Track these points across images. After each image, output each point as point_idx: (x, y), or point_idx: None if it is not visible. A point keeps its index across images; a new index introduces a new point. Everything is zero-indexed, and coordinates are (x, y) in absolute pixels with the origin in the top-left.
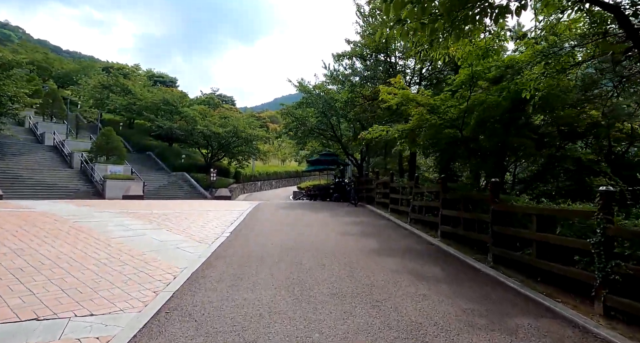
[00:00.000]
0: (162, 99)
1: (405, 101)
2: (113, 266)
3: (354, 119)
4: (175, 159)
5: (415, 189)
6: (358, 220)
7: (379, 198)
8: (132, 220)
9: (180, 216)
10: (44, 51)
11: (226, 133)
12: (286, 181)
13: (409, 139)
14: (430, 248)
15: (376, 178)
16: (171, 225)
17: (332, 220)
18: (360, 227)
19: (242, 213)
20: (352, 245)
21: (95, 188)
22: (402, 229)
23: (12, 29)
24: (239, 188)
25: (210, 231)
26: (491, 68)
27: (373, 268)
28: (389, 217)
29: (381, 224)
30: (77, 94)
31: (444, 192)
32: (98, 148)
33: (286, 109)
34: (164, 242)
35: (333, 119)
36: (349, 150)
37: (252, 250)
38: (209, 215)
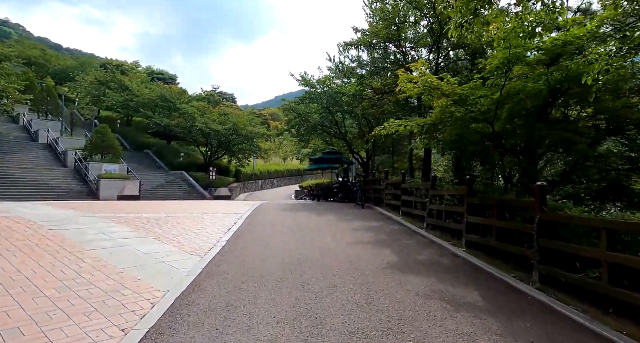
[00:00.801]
0: (160, 95)
1: (428, 90)
2: (79, 290)
3: (360, 115)
4: (173, 157)
5: (433, 192)
6: (368, 225)
7: (389, 200)
8: (117, 225)
9: (173, 220)
10: (41, 47)
11: (226, 130)
12: (288, 180)
13: (429, 135)
14: (456, 261)
15: (385, 177)
16: (161, 232)
17: (339, 225)
18: (372, 233)
19: (242, 216)
20: (365, 258)
21: (89, 187)
22: (418, 236)
23: (12, 27)
24: (239, 187)
25: (204, 239)
26: (534, 50)
27: (396, 291)
28: (401, 221)
29: (394, 230)
30: (73, 90)
31: (469, 196)
32: (92, 145)
33: (288, 104)
34: (148, 255)
35: (337, 115)
36: (354, 148)
37: (250, 265)
38: (205, 219)
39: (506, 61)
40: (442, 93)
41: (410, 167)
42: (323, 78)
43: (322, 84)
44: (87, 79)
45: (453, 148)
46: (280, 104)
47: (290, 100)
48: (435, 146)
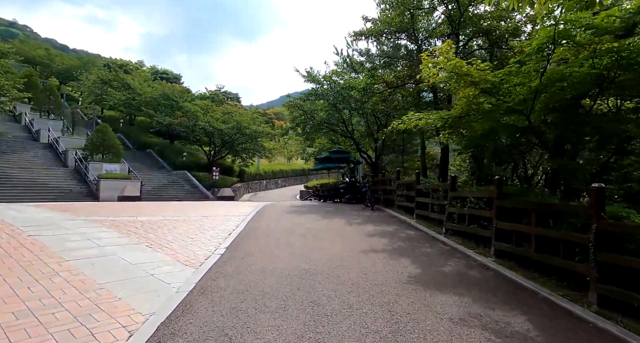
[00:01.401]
0: (162, 93)
1: (456, 76)
2: (43, 314)
3: (369, 112)
4: (176, 157)
5: (453, 193)
6: (381, 229)
7: (401, 201)
8: (107, 230)
9: (169, 224)
10: (45, 47)
11: (229, 129)
12: (292, 180)
13: (454, 130)
14: (487, 274)
15: (397, 177)
16: (154, 238)
17: (349, 229)
18: (386, 240)
19: (244, 219)
20: (383, 269)
21: (89, 188)
22: (438, 243)
23: (20, 28)
24: (244, 187)
25: (201, 246)
26: (583, 27)
27: (424, 315)
28: (416, 225)
29: (410, 235)
30: (77, 90)
31: (500, 198)
32: (93, 145)
33: (293, 101)
34: (136, 266)
35: (344, 112)
36: (362, 147)
37: (250, 279)
38: (205, 223)
39: (550, 41)
40: (472, 81)
41: (423, 166)
42: (330, 73)
43: (329, 80)
44: (90, 78)
45: (481, 144)
46: (285, 102)
47: (296, 97)
48: (460, 142)
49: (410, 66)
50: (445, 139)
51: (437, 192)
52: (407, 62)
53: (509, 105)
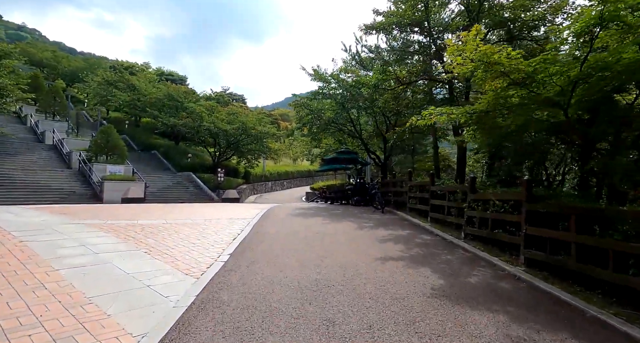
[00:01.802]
0: (167, 94)
1: (484, 65)
2: (18, 336)
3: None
4: (181, 158)
5: (473, 196)
6: (394, 234)
7: (413, 204)
8: (105, 235)
9: (171, 228)
10: (52, 50)
11: (234, 129)
12: (298, 181)
13: (480, 126)
14: (520, 286)
15: (409, 179)
16: (154, 244)
17: (361, 234)
18: (402, 245)
19: (249, 222)
20: (402, 280)
21: (93, 190)
22: (458, 249)
23: (28, 32)
24: (249, 188)
25: (203, 252)
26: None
27: (458, 338)
28: (431, 229)
29: (427, 240)
30: (82, 91)
31: (530, 202)
32: (97, 146)
33: (299, 100)
34: (131, 275)
35: (352, 112)
36: (370, 147)
37: (256, 292)
38: (208, 226)
39: (596, 23)
40: (501, 71)
41: (436, 167)
42: (338, 71)
43: (337, 78)
44: (96, 80)
45: (506, 142)
46: (292, 102)
47: (302, 96)
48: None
49: (424, 60)
50: (469, 137)
51: (455, 194)
52: (421, 57)
53: (547, 97)
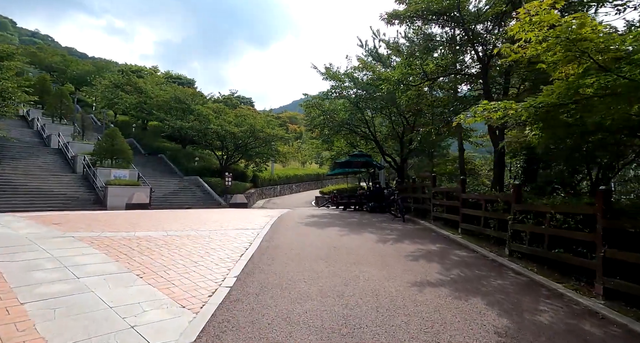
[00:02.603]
0: (174, 96)
1: (566, 42)
2: None
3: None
4: (188, 162)
5: (519, 206)
6: (424, 249)
7: (439, 212)
8: (94, 252)
9: (172, 241)
10: (62, 54)
11: (242, 132)
12: (307, 185)
13: (549, 123)
14: (612, 331)
15: (432, 184)
16: (149, 263)
17: (386, 249)
18: (437, 265)
19: (258, 233)
20: (454, 319)
21: (97, 195)
22: (507, 271)
23: (41, 38)
24: (257, 193)
25: (205, 274)
26: None
27: None
28: (465, 243)
29: (465, 258)
30: (90, 95)
31: (608, 217)
32: (102, 150)
33: (311, 100)
34: (114, 310)
35: (367, 112)
36: (386, 150)
37: (269, 337)
38: (213, 239)
39: None
40: (582, 51)
41: (462, 172)
42: (352, 69)
43: (351, 77)
44: (104, 83)
45: (582, 142)
46: (302, 102)
47: (314, 95)
48: (550, 140)
49: (456, 52)
50: (536, 138)
51: (495, 204)
52: (449, 49)
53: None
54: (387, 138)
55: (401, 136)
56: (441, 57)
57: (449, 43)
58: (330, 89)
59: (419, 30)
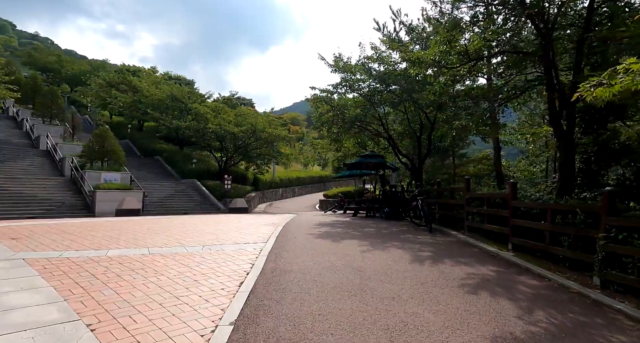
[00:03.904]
0: (170, 95)
1: None
2: None
3: (437, 98)
4: (185, 164)
5: (613, 220)
6: (477, 274)
7: (477, 222)
8: (39, 285)
9: (151, 263)
10: (57, 54)
11: (242, 132)
12: (310, 188)
13: None
14: None
15: (466, 188)
16: (111, 301)
17: (428, 274)
18: (512, 304)
19: (262, 249)
20: None
21: (85, 200)
22: (617, 316)
23: (41, 40)
24: (258, 196)
25: (188, 320)
26: None
27: None
28: (525, 265)
29: (541, 292)
30: (84, 95)
31: None
32: (91, 151)
33: (319, 94)
34: None
35: (380, 108)
36: (402, 149)
37: None
38: (205, 259)
39: None
40: None
41: (498, 174)
42: (364, 59)
43: (364, 67)
44: (98, 82)
45: None
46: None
47: (322, 89)
48: None
49: (515, 21)
50: None
51: (574, 216)
52: (506, 13)
53: None
54: (403, 136)
55: (419, 134)
56: (498, 28)
57: (503, 7)
58: (341, 81)
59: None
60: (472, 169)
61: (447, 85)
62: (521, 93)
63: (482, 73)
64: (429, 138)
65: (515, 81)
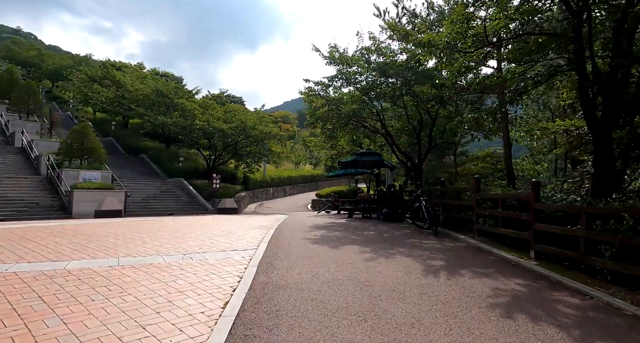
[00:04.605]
0: (155, 90)
1: None
2: None
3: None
4: (172, 162)
5: None
6: (505, 290)
7: (489, 226)
8: None
9: (117, 280)
10: (37, 47)
11: (232, 129)
12: (301, 187)
13: None
14: None
15: (475, 188)
16: (53, 336)
17: (446, 290)
18: (562, 333)
19: (251, 259)
20: None
21: (62, 201)
22: None
23: (24, 35)
24: (248, 196)
25: None
26: None
27: None
28: (559, 279)
29: (588, 313)
30: (65, 90)
31: None
32: (69, 148)
33: (314, 87)
34: None
35: (377, 103)
36: (400, 147)
37: None
38: (185, 272)
39: None
40: None
41: (509, 172)
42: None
43: (363, 59)
44: (80, 76)
45: None
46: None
47: (316, 81)
48: None
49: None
50: None
51: (619, 221)
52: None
53: None
54: (400, 133)
55: (419, 131)
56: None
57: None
58: (337, 74)
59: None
60: (474, 168)
61: (461, 73)
62: (545, 81)
63: (497, 60)
64: (429, 134)
65: (537, 68)
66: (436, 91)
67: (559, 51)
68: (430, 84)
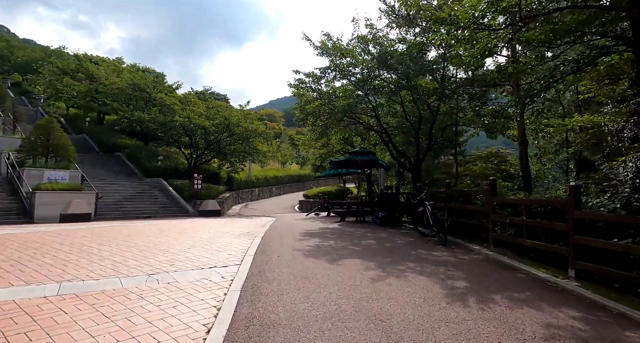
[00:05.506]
0: (131, 83)
1: None
2: None
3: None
4: (150, 161)
5: None
6: (557, 326)
7: (509, 236)
8: None
9: (50, 315)
10: (6, 39)
11: (215, 126)
12: (288, 188)
13: None
14: None
15: (490, 192)
16: None
17: (486, 330)
18: None
19: (233, 278)
20: None
21: (23, 204)
22: None
23: None
24: (232, 197)
25: None
26: None
27: None
28: (621, 310)
29: None
30: (36, 83)
31: None
32: (32, 145)
33: (304, 78)
34: None
35: (372, 99)
36: (397, 146)
37: None
38: (145, 302)
39: None
40: None
41: (525, 174)
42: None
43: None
44: (51, 69)
45: None
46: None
47: (307, 73)
48: None
49: None
50: None
51: None
52: None
53: None
54: (397, 131)
55: (417, 128)
56: None
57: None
58: (330, 65)
59: None
60: (476, 168)
61: (484, 55)
62: (588, 64)
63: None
64: (429, 131)
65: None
66: (437, 84)
67: (601, 31)
68: (431, 78)
